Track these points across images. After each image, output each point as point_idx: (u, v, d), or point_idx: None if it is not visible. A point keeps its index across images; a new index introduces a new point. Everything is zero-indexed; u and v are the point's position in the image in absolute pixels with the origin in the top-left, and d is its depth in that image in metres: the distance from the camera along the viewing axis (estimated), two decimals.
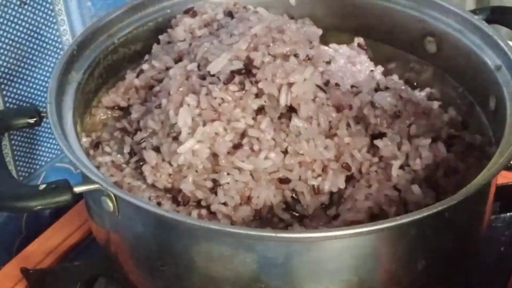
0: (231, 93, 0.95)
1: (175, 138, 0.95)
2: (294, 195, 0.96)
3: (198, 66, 1.01)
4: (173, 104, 0.95)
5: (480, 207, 0.97)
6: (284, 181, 0.95)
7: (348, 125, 0.99)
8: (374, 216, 0.93)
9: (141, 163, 0.98)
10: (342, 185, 0.95)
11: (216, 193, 0.93)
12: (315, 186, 0.94)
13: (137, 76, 1.08)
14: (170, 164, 0.95)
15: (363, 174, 0.96)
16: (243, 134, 0.95)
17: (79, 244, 1.14)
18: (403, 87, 1.01)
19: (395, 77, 1.07)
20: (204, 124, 0.93)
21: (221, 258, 0.88)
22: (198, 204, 0.95)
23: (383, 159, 0.97)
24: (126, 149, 1.02)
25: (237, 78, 0.95)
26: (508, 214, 1.13)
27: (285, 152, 0.95)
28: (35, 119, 1.01)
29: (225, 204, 0.93)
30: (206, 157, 0.94)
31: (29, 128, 1.12)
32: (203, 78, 0.98)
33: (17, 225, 1.25)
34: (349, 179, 0.97)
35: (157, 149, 0.97)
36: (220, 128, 0.93)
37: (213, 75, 0.97)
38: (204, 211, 0.93)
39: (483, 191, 0.94)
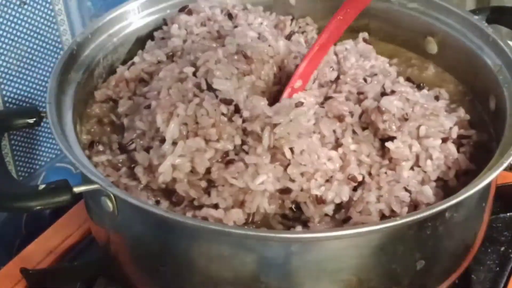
0: (221, 114, 0.94)
1: (162, 141, 0.94)
2: (293, 206, 0.94)
3: (194, 72, 1.00)
4: (160, 108, 0.95)
5: (480, 207, 0.97)
6: (285, 191, 0.93)
7: (355, 132, 0.98)
8: (384, 218, 0.92)
9: (132, 165, 0.97)
10: (345, 197, 0.93)
11: (209, 194, 0.92)
12: (318, 196, 0.93)
13: (128, 69, 1.08)
14: None
15: (373, 176, 0.95)
16: (236, 153, 0.94)
17: (79, 244, 1.14)
18: (409, 89, 1.00)
19: (401, 79, 1.07)
20: (188, 137, 0.93)
21: (220, 258, 0.88)
22: (194, 205, 0.94)
23: (392, 160, 0.96)
24: (115, 146, 1.01)
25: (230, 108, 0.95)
26: (508, 214, 1.13)
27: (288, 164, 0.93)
28: (34, 119, 1.01)
29: (216, 206, 0.92)
30: (187, 171, 0.93)
31: (28, 128, 1.12)
32: (198, 85, 0.98)
33: (17, 225, 1.25)
34: (359, 182, 0.95)
35: (148, 150, 0.96)
36: (202, 143, 0.92)
37: (212, 89, 0.97)
38: (198, 212, 0.92)
39: (483, 192, 0.94)
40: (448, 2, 1.13)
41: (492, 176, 0.88)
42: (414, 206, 0.92)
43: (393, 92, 1.00)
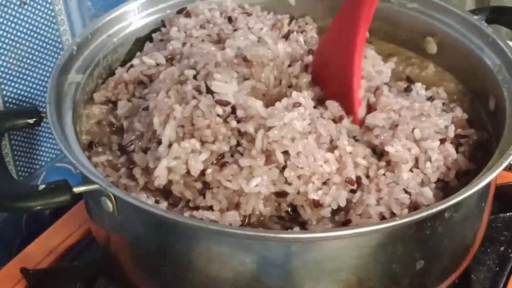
0: (216, 115, 0.94)
1: (159, 143, 0.94)
2: (290, 210, 0.94)
3: (195, 75, 1.00)
4: (157, 111, 0.95)
5: (480, 207, 0.97)
6: (281, 194, 0.93)
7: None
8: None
9: (131, 166, 0.97)
10: (342, 203, 0.92)
11: (204, 196, 0.92)
12: (315, 200, 0.92)
13: (127, 71, 1.08)
14: None
15: (372, 178, 0.95)
16: (232, 154, 0.94)
17: (79, 244, 1.14)
18: (391, 97, 1.00)
19: (385, 88, 1.03)
20: (183, 139, 0.93)
21: (220, 258, 0.88)
22: (190, 206, 0.94)
23: (391, 163, 0.95)
24: (114, 147, 1.01)
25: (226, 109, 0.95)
26: (507, 214, 1.13)
27: (284, 166, 0.93)
28: (34, 119, 1.01)
29: (211, 208, 0.91)
30: (183, 173, 0.93)
31: (29, 128, 1.12)
32: (197, 88, 0.97)
33: (17, 225, 1.25)
34: (358, 184, 0.95)
35: (146, 151, 0.96)
36: (197, 145, 0.92)
37: (211, 92, 0.97)
38: (196, 213, 0.92)
39: (483, 192, 0.94)
40: (447, 2, 1.13)
41: (491, 176, 0.88)
42: (414, 208, 0.92)
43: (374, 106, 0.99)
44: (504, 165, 0.88)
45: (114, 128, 1.05)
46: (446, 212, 0.88)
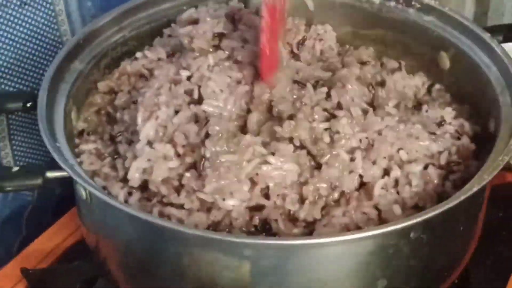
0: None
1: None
2: (259, 226, 0.91)
3: (189, 76, 1.00)
4: (143, 106, 0.95)
5: (473, 212, 0.96)
6: (257, 208, 0.90)
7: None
8: None
9: (115, 156, 0.98)
10: (318, 215, 0.89)
11: (179, 193, 0.91)
12: (291, 212, 0.90)
13: (131, 63, 1.08)
14: None
15: (345, 194, 0.92)
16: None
17: (79, 244, 1.13)
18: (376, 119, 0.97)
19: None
20: (162, 140, 0.92)
21: (179, 256, 0.87)
22: (164, 202, 0.92)
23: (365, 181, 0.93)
24: (106, 137, 1.02)
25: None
26: (506, 214, 1.13)
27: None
28: (30, 103, 1.00)
29: (182, 206, 0.90)
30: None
31: (24, 112, 1.10)
32: (189, 92, 0.97)
33: (17, 225, 1.25)
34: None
35: (131, 144, 0.96)
36: (171, 151, 0.91)
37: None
38: (165, 209, 0.91)
39: (478, 194, 0.91)
40: (446, 4, 1.11)
41: (452, 203, 0.85)
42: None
43: None
44: (470, 193, 0.86)
45: (110, 119, 1.05)
46: (413, 232, 0.85)
